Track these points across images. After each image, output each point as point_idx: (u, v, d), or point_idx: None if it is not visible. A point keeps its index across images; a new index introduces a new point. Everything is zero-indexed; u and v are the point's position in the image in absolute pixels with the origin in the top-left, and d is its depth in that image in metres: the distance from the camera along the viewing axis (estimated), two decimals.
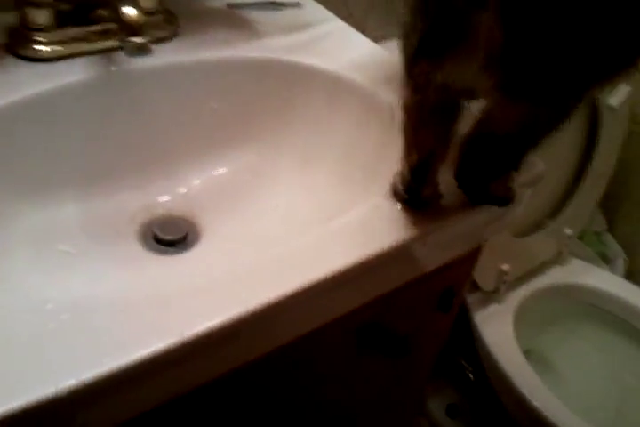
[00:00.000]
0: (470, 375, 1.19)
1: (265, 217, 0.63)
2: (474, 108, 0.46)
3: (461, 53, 0.37)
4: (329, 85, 0.64)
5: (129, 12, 0.50)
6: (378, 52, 0.68)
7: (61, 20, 0.57)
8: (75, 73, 0.57)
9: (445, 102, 0.44)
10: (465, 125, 0.48)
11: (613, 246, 1.37)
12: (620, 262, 1.34)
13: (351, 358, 0.64)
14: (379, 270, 0.49)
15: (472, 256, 0.66)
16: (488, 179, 0.50)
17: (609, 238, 1.38)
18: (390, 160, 0.53)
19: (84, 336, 0.38)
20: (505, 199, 0.53)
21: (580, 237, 1.29)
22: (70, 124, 0.58)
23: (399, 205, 0.51)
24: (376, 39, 0.72)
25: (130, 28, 0.50)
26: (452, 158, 0.49)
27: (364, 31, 0.73)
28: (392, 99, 0.59)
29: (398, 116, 0.49)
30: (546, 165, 0.58)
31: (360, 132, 0.62)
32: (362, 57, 0.66)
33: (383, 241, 0.48)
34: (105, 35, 0.58)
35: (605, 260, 1.35)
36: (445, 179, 0.51)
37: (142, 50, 0.50)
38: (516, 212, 0.60)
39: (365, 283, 0.50)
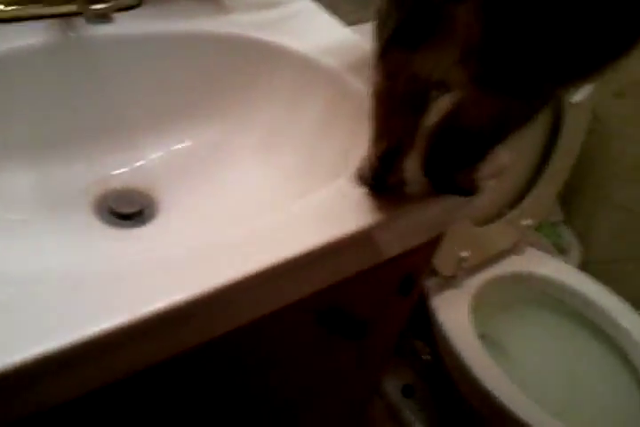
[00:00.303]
0: (427, 357, 1.21)
1: (226, 194, 0.62)
2: (444, 100, 0.46)
3: (436, 44, 0.37)
4: (297, 66, 0.63)
5: None
6: (347, 36, 0.67)
7: None
8: (31, 36, 0.55)
9: (416, 92, 0.44)
10: (434, 115, 0.48)
11: (569, 238, 1.40)
12: (575, 253, 1.38)
13: (311, 340, 0.65)
14: (343, 254, 0.49)
15: (433, 244, 0.67)
16: (454, 170, 0.50)
17: (564, 230, 1.41)
18: (359, 147, 0.53)
19: (30, 311, 0.37)
20: (469, 190, 0.53)
21: (538, 228, 1.31)
22: (25, 88, 0.56)
23: (364, 190, 0.51)
24: (350, 22, 0.71)
25: None
26: (420, 147, 0.49)
27: (337, 13, 0.72)
28: (362, 86, 0.58)
29: (368, 102, 0.48)
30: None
31: (329, 116, 0.62)
32: (331, 39, 0.65)
33: (349, 224, 0.47)
34: None
35: (561, 250, 1.38)
36: (411, 166, 0.51)
37: (103, 17, 0.48)
38: (478, 202, 0.60)
39: (329, 266, 0.50)
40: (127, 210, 0.59)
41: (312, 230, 0.46)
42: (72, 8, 0.55)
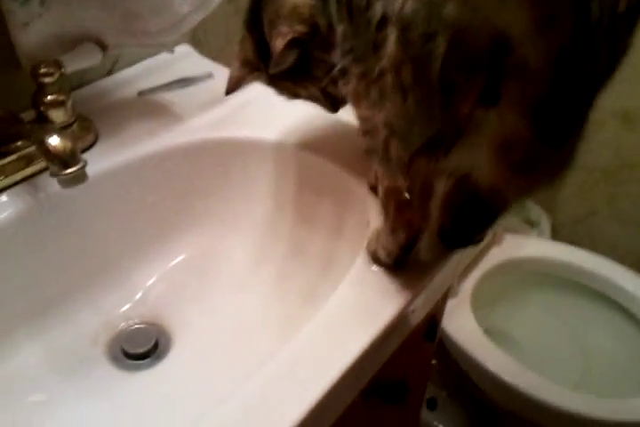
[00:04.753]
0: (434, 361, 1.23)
1: (235, 301, 0.60)
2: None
3: (464, 145, 0.35)
4: (265, 155, 0.62)
5: (53, 142, 0.45)
6: (305, 114, 0.64)
7: None
8: (2, 209, 0.52)
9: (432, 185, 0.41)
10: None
11: (534, 208, 1.44)
12: (545, 222, 1.43)
13: (358, 413, 0.63)
14: (388, 338, 0.49)
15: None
16: (475, 233, 0.49)
17: (528, 202, 1.45)
18: (351, 227, 0.52)
19: None
20: (480, 240, 0.53)
21: None
22: (6, 262, 0.53)
23: (381, 269, 0.50)
24: None
25: (60, 160, 0.45)
26: (434, 217, 0.48)
27: None
28: (333, 162, 0.58)
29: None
30: None
31: (311, 198, 0.61)
32: (293, 121, 0.63)
33: (384, 315, 0.47)
34: (23, 162, 0.53)
35: (531, 223, 1.42)
36: None
37: (79, 178, 0.46)
38: None
39: (380, 353, 0.50)
40: (141, 349, 0.56)
41: (355, 334, 0.45)
42: (33, 169, 0.53)
